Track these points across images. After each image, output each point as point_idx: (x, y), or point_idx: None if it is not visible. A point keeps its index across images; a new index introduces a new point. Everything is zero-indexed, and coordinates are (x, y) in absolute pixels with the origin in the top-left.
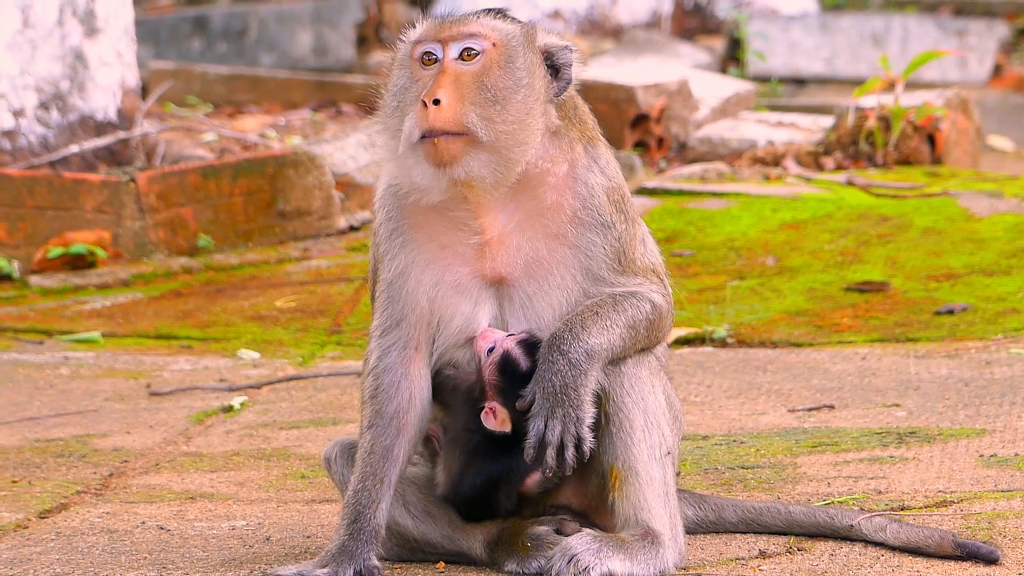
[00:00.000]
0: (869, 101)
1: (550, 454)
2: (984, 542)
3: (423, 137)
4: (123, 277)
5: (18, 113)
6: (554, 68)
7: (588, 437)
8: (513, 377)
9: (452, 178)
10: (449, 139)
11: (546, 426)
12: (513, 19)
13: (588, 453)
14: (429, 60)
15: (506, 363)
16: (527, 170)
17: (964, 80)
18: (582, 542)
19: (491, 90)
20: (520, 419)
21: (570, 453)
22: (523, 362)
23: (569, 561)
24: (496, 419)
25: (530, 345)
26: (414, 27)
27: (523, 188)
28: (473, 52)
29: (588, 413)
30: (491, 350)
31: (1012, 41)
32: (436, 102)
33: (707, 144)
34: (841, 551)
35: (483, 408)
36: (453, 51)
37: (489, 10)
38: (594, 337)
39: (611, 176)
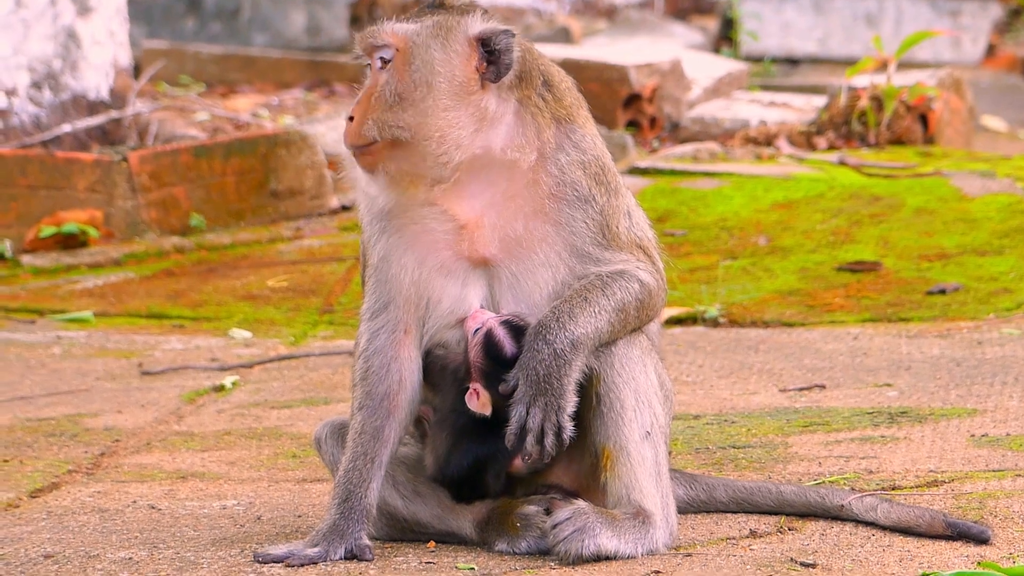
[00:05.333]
0: (862, 81)
1: (530, 441)
2: (975, 522)
3: (349, 148)
4: (115, 256)
5: (10, 92)
6: (494, 53)
7: (568, 426)
8: (497, 359)
9: (383, 182)
10: (362, 151)
11: (528, 413)
12: (448, 10)
13: (568, 441)
14: (369, 68)
15: (489, 344)
16: (492, 155)
17: (957, 60)
18: (575, 519)
19: (393, 94)
20: (504, 402)
21: (550, 440)
22: (507, 344)
23: (561, 538)
24: (478, 400)
25: (516, 328)
26: (356, 36)
27: (492, 173)
28: (386, 60)
29: (570, 402)
30: (477, 331)
31: (1006, 21)
32: (351, 119)
33: (700, 124)
34: (832, 530)
35: (467, 389)
36: (377, 61)
37: (431, 4)
38: (581, 327)
39: (586, 149)
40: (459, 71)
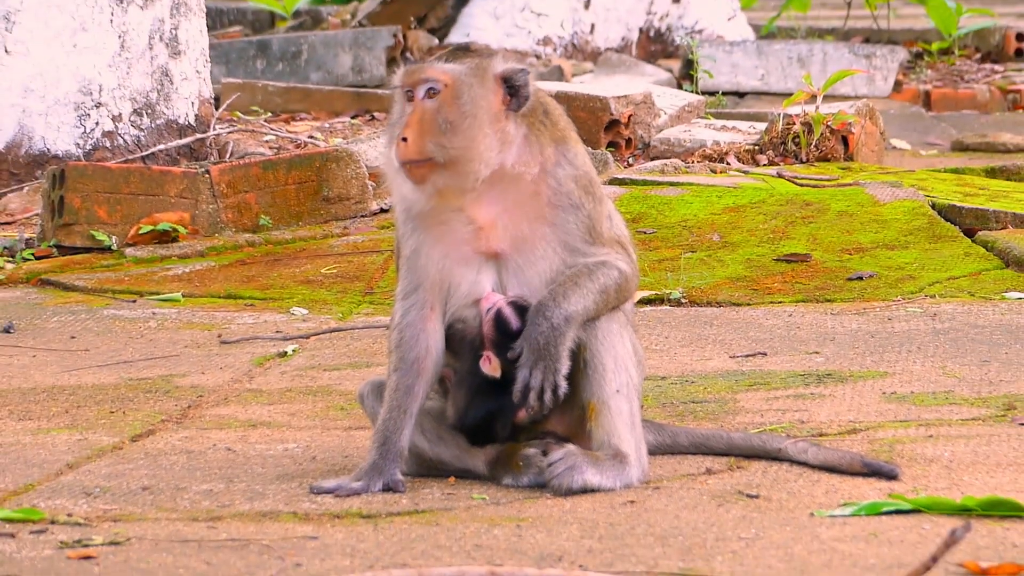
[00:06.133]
0: (795, 110)
1: (532, 396)
2: (886, 462)
3: (402, 163)
4: (199, 249)
5: (116, 119)
6: (515, 88)
7: (563, 384)
8: (505, 332)
9: (429, 192)
10: (416, 165)
11: (531, 374)
12: (475, 53)
13: (562, 397)
14: (409, 97)
15: (498, 320)
16: (505, 170)
17: (871, 93)
18: (566, 459)
19: (444, 121)
20: (511, 367)
21: (548, 396)
22: (513, 320)
23: (555, 474)
24: (490, 365)
25: (520, 307)
26: (400, 68)
27: (505, 184)
28: (434, 91)
29: (564, 365)
30: (489, 310)
31: (910, 63)
32: (404, 139)
33: (666, 144)
34: (772, 469)
35: (482, 355)
36: (420, 92)
37: (458, 48)
38: (572, 305)
39: (578, 166)
40: (491, 103)
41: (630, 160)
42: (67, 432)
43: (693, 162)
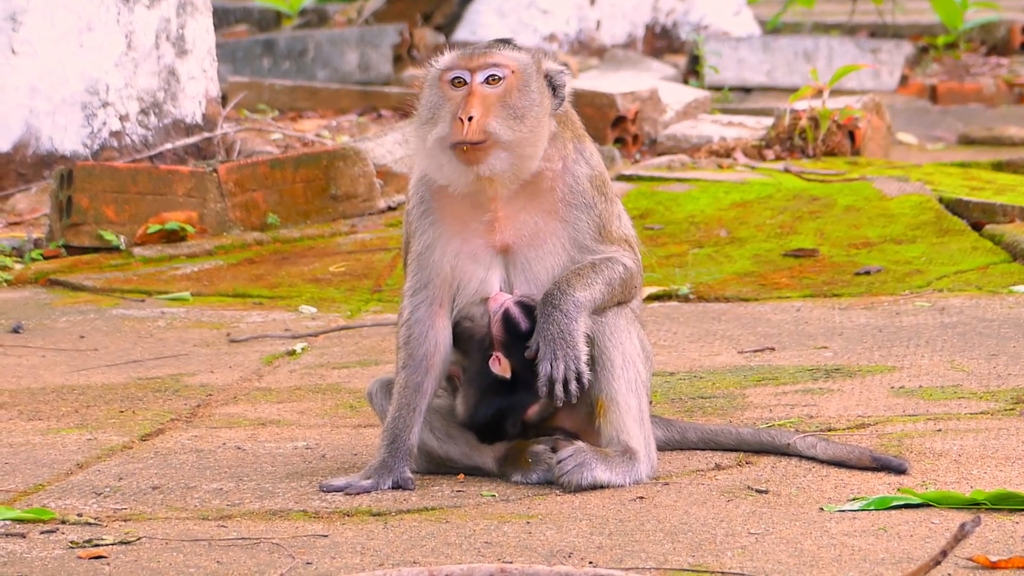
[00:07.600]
0: (802, 105)
1: (558, 389)
2: (895, 456)
3: (456, 144)
4: (208, 248)
5: (124, 118)
6: (553, 87)
7: (586, 371)
8: (513, 331)
9: (478, 174)
10: (475, 146)
11: (551, 367)
12: (521, 48)
13: (587, 384)
14: (459, 83)
15: (507, 320)
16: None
17: (877, 88)
18: (575, 455)
19: (512, 108)
20: (520, 366)
21: (573, 386)
22: (521, 320)
23: (565, 471)
24: (500, 365)
25: (528, 307)
26: (443, 55)
27: (529, 179)
28: (497, 78)
29: (583, 351)
30: (497, 310)
31: (916, 57)
32: (470, 118)
33: (673, 140)
34: (781, 464)
35: (491, 355)
36: (480, 77)
37: (500, 41)
38: (579, 292)
39: (594, 166)
40: (546, 99)
41: (637, 156)
42: (77, 432)
43: (700, 158)
